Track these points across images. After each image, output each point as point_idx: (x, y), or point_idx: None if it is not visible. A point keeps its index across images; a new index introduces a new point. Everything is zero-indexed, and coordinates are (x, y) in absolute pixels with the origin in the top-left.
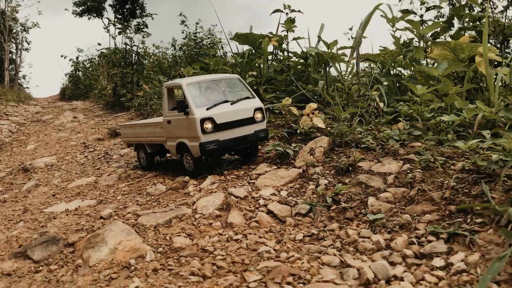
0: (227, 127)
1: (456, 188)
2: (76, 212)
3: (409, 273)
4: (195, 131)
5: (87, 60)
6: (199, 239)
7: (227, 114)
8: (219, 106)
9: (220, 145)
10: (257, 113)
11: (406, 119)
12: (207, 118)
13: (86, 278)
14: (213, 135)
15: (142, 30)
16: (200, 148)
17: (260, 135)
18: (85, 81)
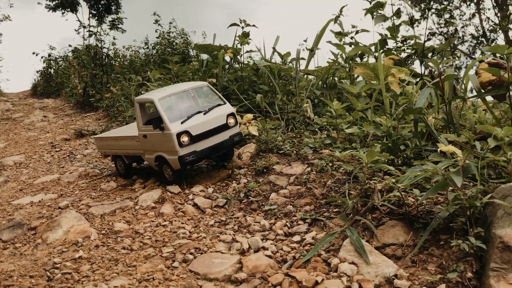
0: (203, 137)
1: (332, 187)
2: (39, 203)
3: (273, 245)
4: (173, 146)
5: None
6: (135, 225)
7: (202, 124)
8: (193, 118)
9: (198, 156)
10: (230, 118)
11: (327, 129)
12: (183, 132)
13: (43, 252)
14: (190, 147)
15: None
16: (179, 161)
17: (235, 139)
18: (57, 78)
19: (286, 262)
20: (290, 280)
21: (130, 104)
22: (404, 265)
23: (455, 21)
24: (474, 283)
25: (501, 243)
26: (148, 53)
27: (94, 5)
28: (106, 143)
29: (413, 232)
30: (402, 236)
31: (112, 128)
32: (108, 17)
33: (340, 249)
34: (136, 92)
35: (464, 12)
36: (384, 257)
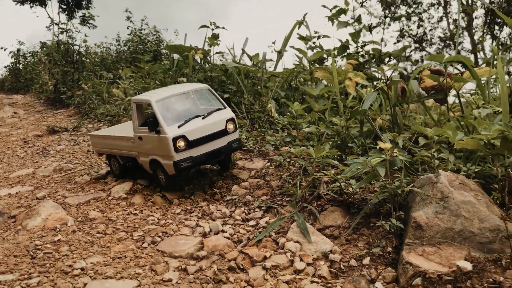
0: (200, 143)
1: (286, 179)
2: (17, 195)
3: (231, 229)
4: (168, 150)
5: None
6: (108, 213)
7: (200, 129)
8: (190, 122)
9: (194, 162)
10: (229, 124)
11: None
12: (180, 136)
13: (24, 237)
14: (186, 152)
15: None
16: (174, 166)
17: (234, 145)
18: (26, 74)
19: (242, 242)
20: (243, 256)
21: (102, 102)
22: (339, 243)
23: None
24: (393, 256)
25: (415, 223)
26: (120, 50)
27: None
28: (101, 141)
29: (349, 216)
30: (340, 219)
31: (85, 125)
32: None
33: (288, 231)
34: (107, 90)
35: (432, 15)
36: (323, 236)
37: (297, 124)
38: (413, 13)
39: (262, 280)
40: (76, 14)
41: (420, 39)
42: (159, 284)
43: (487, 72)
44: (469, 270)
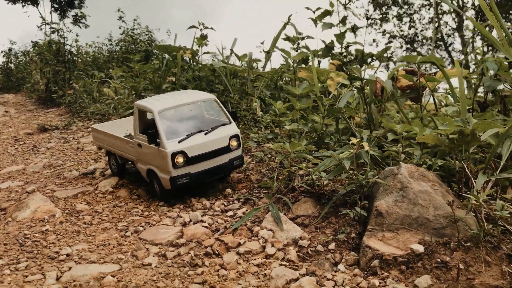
0: (200, 160)
1: (265, 173)
2: (7, 189)
3: (210, 219)
4: (166, 165)
5: (20, 52)
6: (95, 206)
7: (201, 145)
8: (192, 137)
9: (192, 179)
10: (233, 140)
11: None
12: (179, 152)
13: (14, 227)
14: (184, 169)
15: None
16: (171, 182)
17: (235, 163)
18: (18, 74)
19: (219, 231)
20: (219, 243)
21: (92, 101)
22: (309, 230)
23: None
24: (356, 241)
25: (376, 211)
26: (112, 49)
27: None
28: (102, 137)
29: (320, 206)
30: (311, 209)
31: (75, 123)
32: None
33: (263, 221)
34: (98, 89)
35: (423, 16)
36: (295, 225)
37: (280, 122)
38: (404, 14)
39: (235, 264)
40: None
41: (411, 39)
42: (139, 268)
43: (457, 72)
44: (421, 252)
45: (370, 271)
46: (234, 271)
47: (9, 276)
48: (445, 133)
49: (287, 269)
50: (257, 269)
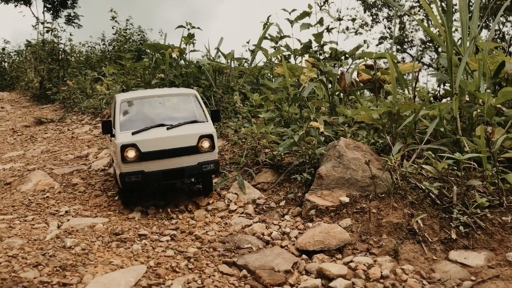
0: (157, 157)
1: (237, 153)
2: (10, 169)
3: (187, 188)
4: (117, 158)
5: (13, 52)
6: (88, 180)
7: (158, 141)
8: (149, 131)
9: (145, 178)
10: (204, 141)
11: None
12: (129, 145)
13: (19, 196)
14: (136, 165)
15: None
16: (120, 178)
17: (205, 168)
18: (12, 72)
19: (194, 195)
20: (192, 203)
21: (86, 97)
22: (267, 193)
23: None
24: (302, 199)
25: (318, 174)
26: (104, 49)
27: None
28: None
29: (277, 175)
30: (270, 177)
31: (69, 117)
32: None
33: (230, 187)
34: (91, 86)
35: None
36: (256, 189)
37: (256, 112)
38: (394, 15)
39: (203, 217)
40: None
41: (401, 40)
42: (125, 220)
43: (410, 67)
44: (347, 202)
45: (308, 218)
46: (201, 222)
47: (19, 225)
48: (378, 113)
49: (244, 219)
50: (220, 220)
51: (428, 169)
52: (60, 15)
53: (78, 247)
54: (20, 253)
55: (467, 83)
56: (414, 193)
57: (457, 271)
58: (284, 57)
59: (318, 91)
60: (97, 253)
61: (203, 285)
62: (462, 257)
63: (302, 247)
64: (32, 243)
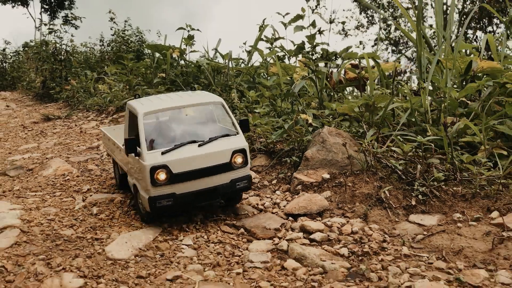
0: (189, 178)
1: None
2: (29, 158)
3: None
4: (144, 182)
5: (14, 52)
6: (102, 166)
7: (190, 160)
8: (180, 149)
9: (177, 201)
10: (237, 156)
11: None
12: (160, 166)
13: (42, 179)
14: (167, 188)
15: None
16: (149, 203)
17: (238, 185)
18: (13, 72)
19: None
20: None
21: (89, 95)
22: (261, 174)
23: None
24: (291, 177)
25: (304, 157)
26: (103, 50)
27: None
28: (106, 141)
29: (270, 159)
30: (264, 162)
31: (75, 114)
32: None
33: None
34: (93, 86)
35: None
36: (252, 171)
37: (252, 108)
38: (390, 17)
39: None
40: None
41: (396, 42)
42: None
43: (392, 66)
44: (328, 178)
45: (295, 192)
46: None
47: (50, 199)
48: (357, 105)
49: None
50: None
51: (397, 150)
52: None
53: (103, 214)
54: (56, 218)
55: (439, 80)
56: (384, 170)
57: (414, 229)
58: (279, 57)
59: (309, 88)
60: (119, 218)
61: (209, 239)
62: (419, 219)
63: (289, 212)
64: (64, 211)
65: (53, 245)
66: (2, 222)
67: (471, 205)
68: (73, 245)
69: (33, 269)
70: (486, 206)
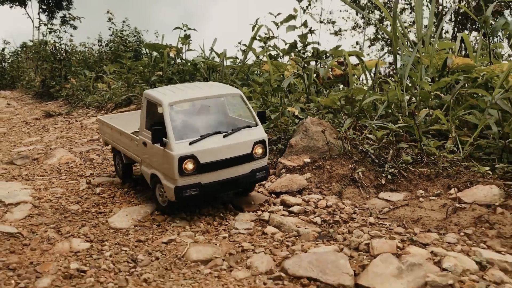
0: (214, 168)
1: None
2: (34, 149)
3: None
4: (171, 171)
5: (13, 52)
6: (103, 156)
7: (216, 150)
8: (207, 140)
9: (202, 191)
10: (258, 147)
11: None
12: (188, 157)
13: (47, 167)
14: (194, 178)
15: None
16: (175, 193)
17: (258, 175)
18: (12, 72)
19: None
20: None
21: (88, 93)
22: None
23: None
24: (277, 163)
25: (289, 144)
26: (101, 50)
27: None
28: (108, 130)
29: None
30: None
31: (75, 110)
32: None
33: None
34: (92, 84)
35: (405, 20)
36: None
37: None
38: (385, 17)
39: None
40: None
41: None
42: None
43: (374, 63)
44: (309, 162)
45: (279, 175)
46: None
47: (56, 182)
48: (337, 97)
49: None
50: None
51: (371, 137)
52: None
53: (105, 193)
54: (64, 196)
55: (417, 75)
56: (359, 155)
57: (382, 204)
58: (271, 56)
59: (299, 85)
60: (120, 197)
61: (201, 213)
62: (387, 196)
63: (272, 190)
64: (70, 191)
65: (62, 217)
66: (16, 198)
67: (433, 184)
68: (80, 217)
69: (45, 235)
70: (447, 184)
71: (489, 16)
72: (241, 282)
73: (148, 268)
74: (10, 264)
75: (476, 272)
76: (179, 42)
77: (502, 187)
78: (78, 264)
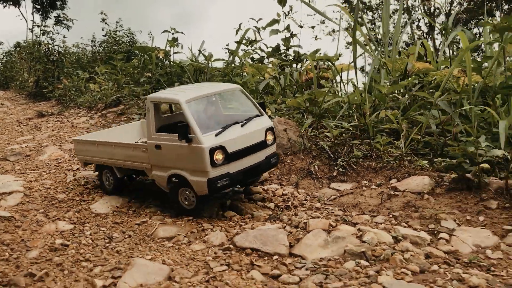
0: (239, 156)
1: None
2: (26, 147)
3: None
4: (203, 164)
5: (6, 52)
6: None
7: (239, 139)
8: (229, 130)
9: (232, 180)
10: (269, 134)
11: None
12: (218, 147)
13: (38, 163)
14: (223, 168)
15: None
16: (208, 185)
17: (272, 161)
18: (6, 72)
19: None
20: None
21: (80, 94)
22: None
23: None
24: None
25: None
26: (95, 50)
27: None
28: (91, 148)
29: None
30: None
31: (67, 110)
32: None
33: None
34: (84, 85)
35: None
36: None
37: None
38: (378, 18)
39: None
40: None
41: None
42: None
43: (345, 67)
44: None
45: None
46: None
47: (46, 175)
48: (302, 99)
49: None
50: None
51: (328, 135)
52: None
53: (89, 185)
54: (52, 187)
55: (379, 78)
56: (318, 151)
57: (331, 192)
58: (253, 59)
59: (276, 87)
60: None
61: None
62: (337, 186)
63: None
64: (58, 183)
65: (50, 204)
66: (9, 188)
67: (377, 175)
68: (65, 204)
69: (35, 219)
70: (389, 175)
71: (448, 25)
72: (196, 252)
73: (121, 243)
74: (5, 241)
75: (390, 244)
76: (167, 45)
77: (434, 177)
78: (62, 240)
